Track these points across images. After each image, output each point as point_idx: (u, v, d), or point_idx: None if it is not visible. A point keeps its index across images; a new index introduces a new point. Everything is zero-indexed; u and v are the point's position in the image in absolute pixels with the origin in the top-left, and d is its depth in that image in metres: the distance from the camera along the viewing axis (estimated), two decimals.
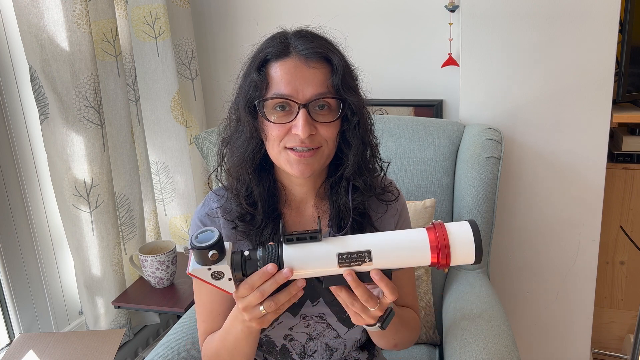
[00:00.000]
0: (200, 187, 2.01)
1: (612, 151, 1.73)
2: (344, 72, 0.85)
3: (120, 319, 1.70)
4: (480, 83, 1.59)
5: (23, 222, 1.56)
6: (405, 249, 0.75)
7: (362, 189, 0.92)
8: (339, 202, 0.93)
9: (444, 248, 0.73)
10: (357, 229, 0.94)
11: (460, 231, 0.74)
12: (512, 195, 1.65)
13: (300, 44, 0.84)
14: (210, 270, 0.74)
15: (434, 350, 1.40)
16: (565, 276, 1.68)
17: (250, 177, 0.91)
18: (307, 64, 0.83)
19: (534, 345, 1.77)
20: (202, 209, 0.98)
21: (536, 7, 1.48)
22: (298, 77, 0.83)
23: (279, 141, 0.85)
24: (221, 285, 0.76)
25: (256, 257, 0.76)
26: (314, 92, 0.83)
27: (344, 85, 0.84)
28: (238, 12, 1.96)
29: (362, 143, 0.90)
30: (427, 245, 0.74)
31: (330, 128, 0.85)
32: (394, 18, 1.78)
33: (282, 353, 1.01)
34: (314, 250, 0.75)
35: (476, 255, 0.73)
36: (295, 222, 0.97)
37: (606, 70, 1.48)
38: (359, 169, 0.91)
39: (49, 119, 1.47)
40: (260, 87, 0.85)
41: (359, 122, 0.88)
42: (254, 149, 0.89)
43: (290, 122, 0.84)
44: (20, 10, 1.38)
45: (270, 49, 0.85)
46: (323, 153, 0.87)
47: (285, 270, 0.74)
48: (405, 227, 1.03)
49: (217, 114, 2.11)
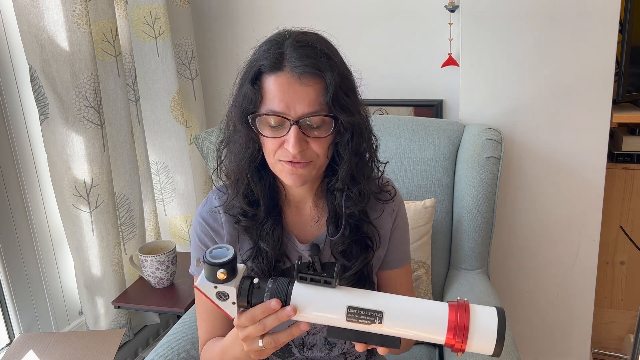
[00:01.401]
0: (200, 187, 2.01)
1: (612, 151, 1.73)
2: (337, 88, 0.83)
3: (120, 319, 1.70)
4: (480, 83, 1.59)
5: (23, 222, 1.56)
6: (420, 319, 0.70)
7: (355, 199, 0.92)
8: (335, 203, 0.94)
9: (461, 331, 0.67)
10: (354, 229, 0.94)
11: (484, 317, 0.68)
12: (512, 195, 1.65)
13: (294, 57, 0.83)
14: (216, 289, 0.73)
15: (434, 350, 1.40)
16: (565, 276, 1.67)
17: (248, 178, 0.92)
18: (300, 80, 0.82)
19: (534, 345, 1.77)
20: (205, 206, 0.99)
21: (536, 7, 1.48)
22: (290, 94, 0.82)
23: (273, 154, 0.86)
24: (224, 306, 0.74)
25: (265, 287, 0.73)
26: (306, 110, 0.82)
27: (336, 103, 0.83)
28: (238, 12, 1.96)
29: (355, 155, 0.90)
30: (444, 323, 0.68)
31: (322, 143, 0.86)
32: (394, 18, 1.78)
33: (282, 348, 1.02)
34: (324, 295, 0.72)
35: (495, 347, 0.67)
36: (295, 220, 0.98)
37: (606, 70, 1.48)
38: (352, 179, 0.91)
39: (49, 119, 1.46)
40: (255, 100, 0.84)
41: (352, 137, 0.88)
42: (250, 156, 0.90)
43: (283, 137, 0.84)
44: (20, 10, 1.38)
45: (264, 62, 0.84)
46: (315, 165, 0.88)
47: (288, 309, 0.72)
48: (403, 226, 1.04)
49: (217, 114, 2.11)
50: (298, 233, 0.98)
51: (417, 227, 1.37)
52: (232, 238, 0.97)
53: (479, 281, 1.40)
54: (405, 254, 1.06)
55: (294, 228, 0.98)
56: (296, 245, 0.97)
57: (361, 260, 0.94)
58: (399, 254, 1.04)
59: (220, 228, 0.97)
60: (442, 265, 1.48)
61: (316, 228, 0.98)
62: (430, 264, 1.42)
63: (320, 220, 0.97)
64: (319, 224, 0.98)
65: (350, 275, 0.94)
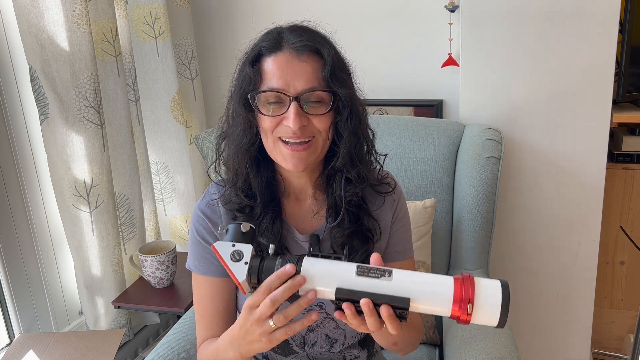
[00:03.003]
0: (200, 187, 2.01)
1: (612, 151, 1.73)
2: (334, 64, 0.86)
3: (120, 319, 1.70)
4: (480, 83, 1.59)
5: (23, 222, 1.56)
6: (427, 285, 0.71)
7: (355, 180, 0.92)
8: (334, 195, 0.94)
9: (466, 303, 0.68)
10: (353, 220, 0.95)
11: (489, 289, 0.69)
12: (512, 195, 1.65)
13: (292, 37, 0.87)
14: (234, 247, 0.75)
15: (434, 350, 1.40)
16: (565, 276, 1.67)
17: (247, 169, 0.93)
18: (299, 57, 0.85)
19: (534, 345, 1.77)
20: (203, 200, 0.99)
21: (536, 7, 1.48)
22: (289, 71, 0.85)
23: (272, 132, 0.87)
24: (234, 268, 0.75)
25: (276, 258, 0.75)
26: (305, 85, 0.85)
27: (334, 78, 0.86)
28: (238, 12, 1.96)
29: (354, 135, 0.91)
30: (450, 294, 0.69)
31: (323, 120, 0.87)
32: (394, 18, 1.78)
33: (282, 345, 1.02)
34: (334, 264, 0.74)
35: (500, 318, 0.68)
36: (295, 212, 0.98)
37: (606, 70, 1.48)
38: (352, 160, 0.92)
39: (49, 119, 1.46)
40: (254, 81, 0.87)
41: (351, 114, 0.89)
42: (249, 141, 0.90)
43: (283, 115, 0.86)
44: (20, 10, 1.38)
45: (264, 43, 0.87)
46: (317, 145, 0.88)
47: (298, 277, 0.73)
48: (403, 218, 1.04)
49: (217, 114, 2.11)
50: (297, 225, 0.98)
51: (417, 227, 1.37)
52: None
53: None
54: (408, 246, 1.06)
55: (293, 220, 0.98)
56: (295, 236, 0.97)
57: (361, 254, 0.94)
58: (400, 245, 1.04)
59: (219, 220, 0.97)
60: (442, 265, 1.48)
61: (315, 220, 0.98)
62: (430, 264, 1.42)
63: (319, 212, 0.98)
64: (319, 215, 0.98)
65: None
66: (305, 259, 0.74)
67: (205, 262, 0.99)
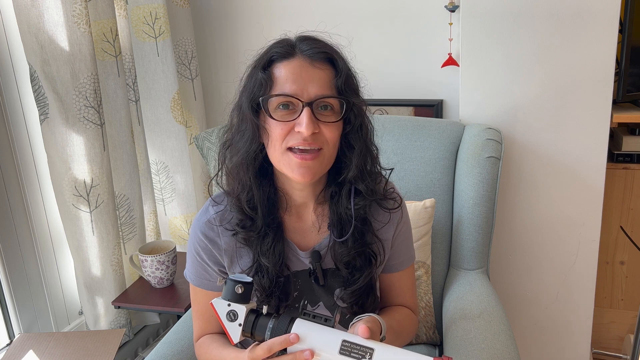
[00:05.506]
0: (200, 187, 2.01)
1: (612, 151, 1.73)
2: (347, 74, 0.86)
3: (120, 319, 1.70)
4: (480, 83, 1.59)
5: (23, 222, 1.56)
6: None
7: (365, 192, 0.92)
8: (340, 209, 0.93)
9: None
10: (358, 236, 0.94)
11: None
12: (512, 195, 1.65)
13: (304, 45, 0.86)
14: (229, 307, 0.78)
15: (434, 351, 1.40)
16: (565, 276, 1.68)
17: (251, 181, 0.91)
18: (312, 64, 0.85)
19: (534, 345, 1.77)
20: (202, 217, 0.98)
21: (536, 7, 1.48)
22: (303, 77, 0.84)
23: (282, 141, 0.85)
24: (229, 327, 0.79)
25: (269, 317, 0.79)
26: (318, 91, 0.84)
27: (347, 87, 0.86)
28: (238, 12, 1.96)
29: (365, 146, 0.90)
30: None
31: (333, 129, 0.86)
32: (394, 18, 1.78)
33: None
34: (323, 331, 0.78)
35: None
36: (296, 227, 0.97)
37: (606, 70, 1.48)
38: (361, 173, 0.91)
39: (49, 119, 1.46)
40: (265, 85, 0.86)
41: (362, 125, 0.89)
42: (255, 150, 0.89)
43: (294, 120, 0.84)
44: (20, 10, 1.38)
45: (276, 50, 0.87)
46: (324, 156, 0.87)
47: (292, 335, 0.76)
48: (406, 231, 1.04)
49: (217, 114, 2.11)
50: (299, 241, 0.97)
51: (417, 227, 1.37)
52: (229, 248, 0.96)
53: (479, 281, 1.40)
54: (409, 257, 1.06)
55: (294, 236, 0.97)
56: (297, 253, 0.96)
57: (366, 275, 0.94)
58: (402, 257, 1.04)
59: (218, 238, 0.96)
60: (442, 265, 1.48)
61: (317, 235, 0.97)
62: (430, 264, 1.42)
63: (321, 227, 0.97)
64: (321, 231, 0.97)
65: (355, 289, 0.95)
66: (297, 322, 0.78)
67: (202, 278, 1.01)
